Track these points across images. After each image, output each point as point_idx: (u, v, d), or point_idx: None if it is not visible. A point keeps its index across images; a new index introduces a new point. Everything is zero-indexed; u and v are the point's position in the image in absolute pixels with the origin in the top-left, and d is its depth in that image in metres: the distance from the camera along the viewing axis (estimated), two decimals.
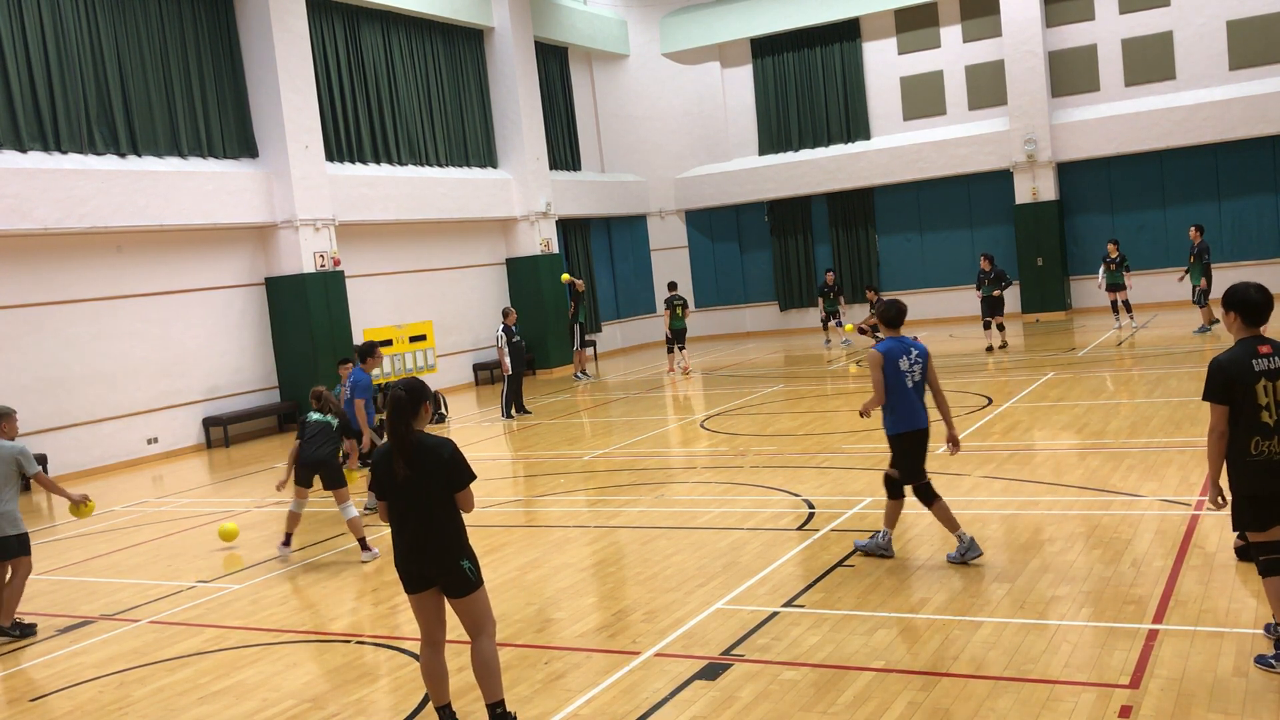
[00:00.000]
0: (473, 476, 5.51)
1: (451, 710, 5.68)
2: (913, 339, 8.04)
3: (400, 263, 22.93)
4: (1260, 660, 5.64)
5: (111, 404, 17.36)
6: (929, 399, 7.99)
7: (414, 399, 5.47)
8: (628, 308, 30.22)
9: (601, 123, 30.26)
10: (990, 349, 20.97)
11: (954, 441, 8.06)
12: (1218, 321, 19.90)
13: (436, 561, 5.46)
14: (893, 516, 8.14)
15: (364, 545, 9.86)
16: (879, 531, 8.23)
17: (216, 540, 11.37)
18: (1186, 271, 20.64)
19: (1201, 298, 20.01)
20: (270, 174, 19.58)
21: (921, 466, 8.00)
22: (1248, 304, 5.60)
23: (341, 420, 10.23)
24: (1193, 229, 20.70)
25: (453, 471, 5.44)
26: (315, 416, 10.16)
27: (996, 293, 21.16)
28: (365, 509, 11.47)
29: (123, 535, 12.17)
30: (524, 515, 11.27)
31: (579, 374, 23.64)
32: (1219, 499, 5.85)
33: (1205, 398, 5.64)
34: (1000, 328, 21.12)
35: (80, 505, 8.79)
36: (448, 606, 5.62)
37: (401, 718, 6.19)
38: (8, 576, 8.55)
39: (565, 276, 23.43)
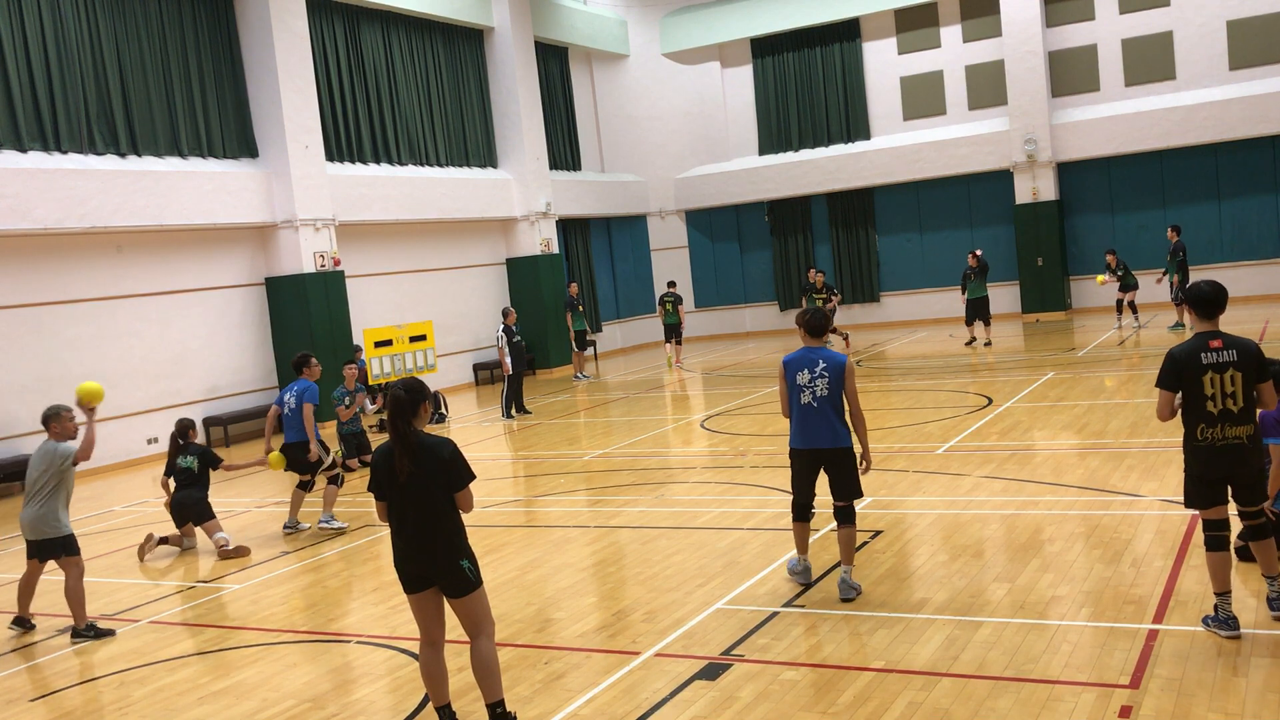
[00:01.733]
0: (472, 476, 5.51)
1: (451, 710, 5.68)
2: (829, 351, 7.35)
3: (400, 263, 22.92)
4: (1206, 621, 6.19)
5: (111, 404, 17.32)
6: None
7: (414, 398, 5.48)
8: (627, 308, 30.21)
9: (601, 123, 30.26)
10: (972, 342, 21.49)
11: (864, 459, 7.47)
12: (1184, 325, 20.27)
13: (436, 561, 5.46)
14: (801, 540, 7.66)
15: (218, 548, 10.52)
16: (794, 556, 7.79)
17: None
18: (1165, 272, 20.79)
19: (1179, 295, 20.39)
20: (270, 174, 19.58)
21: (801, 487, 7.44)
22: (1199, 299, 6.14)
23: (202, 460, 10.79)
24: (1170, 230, 20.86)
25: (452, 471, 5.45)
26: (181, 461, 10.88)
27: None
28: (285, 528, 11.44)
29: (123, 535, 12.17)
30: (524, 515, 11.27)
31: (578, 375, 23.67)
32: None
33: (1156, 384, 6.25)
34: (986, 324, 21.61)
35: None
36: (447, 606, 5.62)
37: (401, 718, 6.19)
38: (39, 575, 8.64)
39: None
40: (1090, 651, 6.05)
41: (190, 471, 10.83)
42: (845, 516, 7.38)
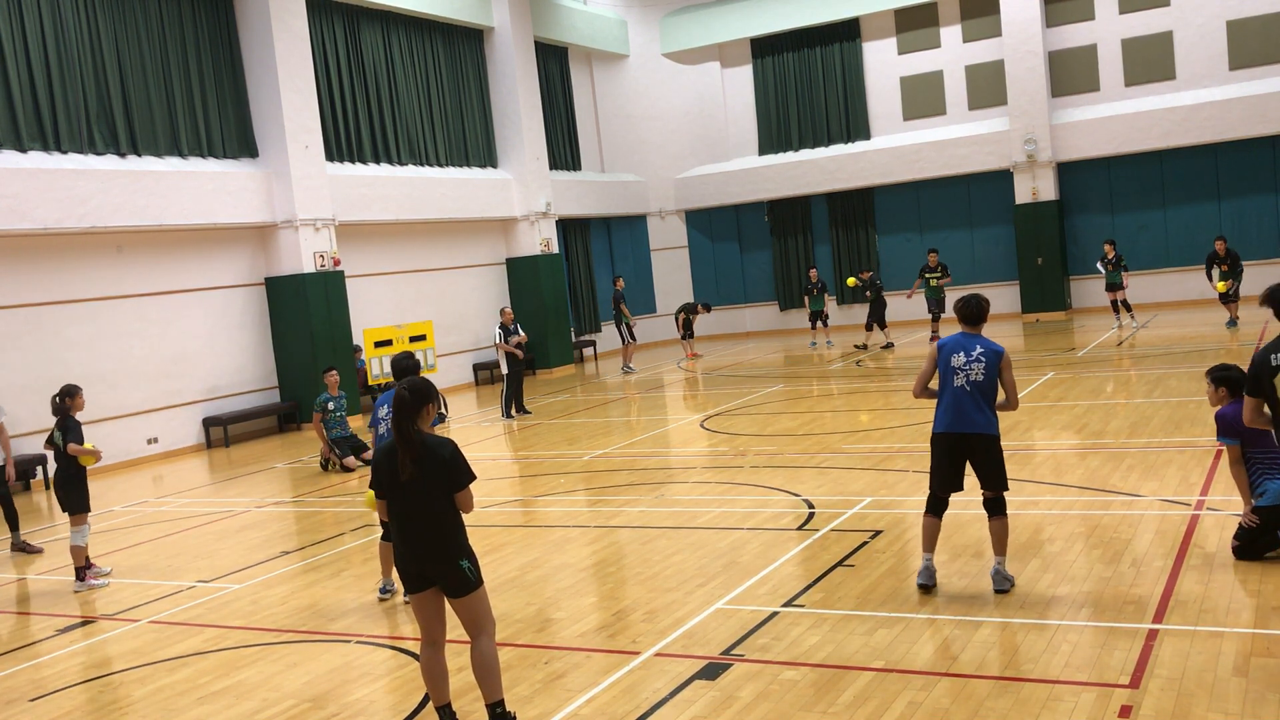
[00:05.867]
0: (472, 477, 5.51)
1: (451, 710, 5.68)
2: (987, 339, 7.16)
3: (400, 263, 22.92)
4: None
5: (111, 404, 17.35)
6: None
7: (417, 398, 5.47)
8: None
9: (601, 123, 30.25)
10: (935, 338, 22.25)
11: None
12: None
13: (436, 561, 5.46)
14: (929, 537, 7.31)
15: (80, 574, 9.85)
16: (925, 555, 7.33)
17: (216, 540, 11.38)
18: (1226, 278, 20.06)
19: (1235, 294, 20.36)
20: (270, 174, 19.58)
21: (942, 477, 7.19)
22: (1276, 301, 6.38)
23: (65, 437, 9.74)
24: (1219, 240, 20.48)
25: (452, 471, 5.44)
26: (55, 435, 9.86)
27: (938, 281, 22.88)
28: (382, 592, 9.06)
29: (123, 535, 12.17)
30: (524, 515, 11.27)
31: (627, 366, 24.29)
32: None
33: (1245, 391, 6.45)
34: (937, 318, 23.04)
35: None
36: (448, 606, 5.62)
37: (401, 718, 6.19)
38: None
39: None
40: (1090, 651, 6.04)
41: (58, 447, 9.78)
42: (995, 508, 7.12)
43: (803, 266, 29.09)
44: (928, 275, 23.06)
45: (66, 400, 9.97)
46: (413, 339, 19.75)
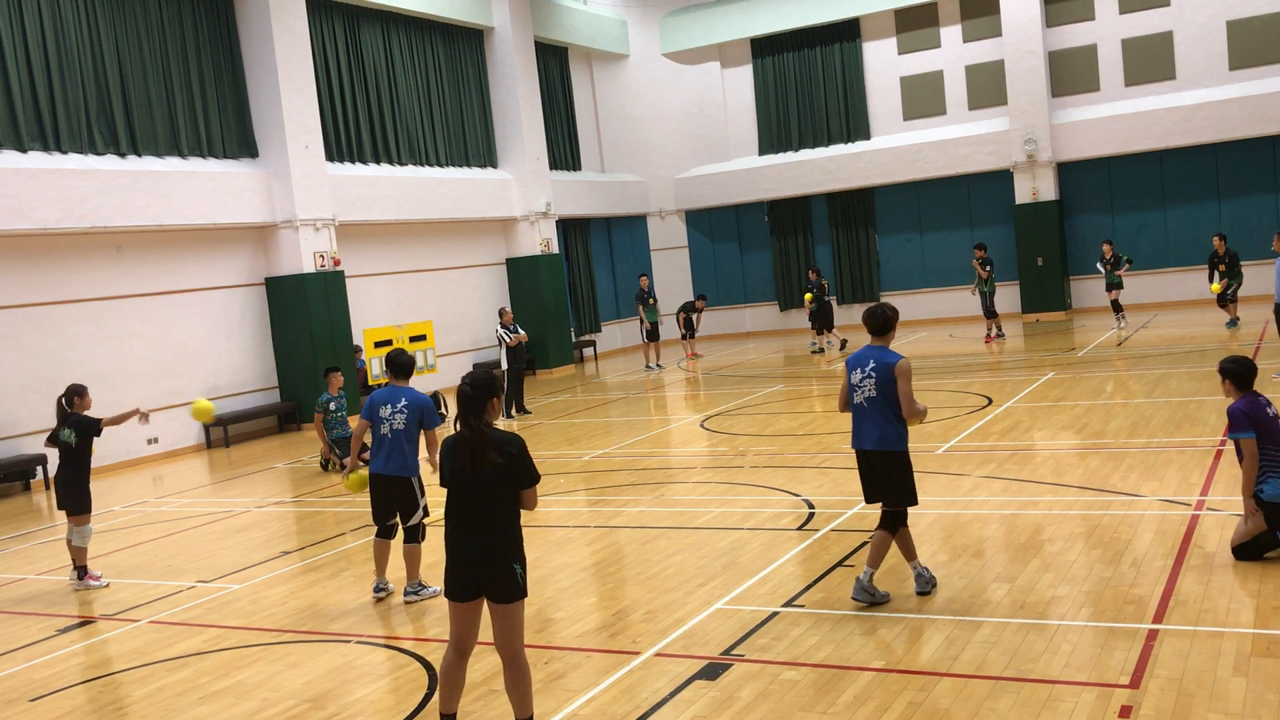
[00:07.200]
0: (538, 476, 5.44)
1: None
2: (885, 351, 7.10)
3: (400, 263, 22.93)
4: None
5: (111, 404, 17.26)
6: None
7: (480, 393, 5.40)
8: (628, 308, 30.17)
9: (601, 123, 30.26)
10: (990, 339, 22.62)
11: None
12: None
13: (490, 563, 5.32)
14: (907, 546, 7.29)
15: (81, 573, 9.89)
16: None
17: (216, 540, 11.38)
18: (1224, 278, 20.01)
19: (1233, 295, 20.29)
20: (270, 174, 19.58)
21: (864, 487, 7.30)
22: None
23: (79, 431, 9.75)
24: (1218, 238, 20.49)
25: (519, 469, 5.36)
26: (60, 434, 9.82)
27: (982, 269, 22.37)
28: (376, 591, 8.99)
29: (123, 535, 12.17)
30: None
31: (650, 365, 24.24)
32: None
33: None
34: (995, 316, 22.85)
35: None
36: (486, 617, 5.48)
37: (401, 718, 6.19)
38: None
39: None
40: (1090, 651, 6.05)
41: (68, 446, 9.78)
42: (886, 520, 7.14)
43: (803, 267, 29.08)
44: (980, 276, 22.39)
45: (75, 399, 9.98)
46: (413, 339, 19.75)
